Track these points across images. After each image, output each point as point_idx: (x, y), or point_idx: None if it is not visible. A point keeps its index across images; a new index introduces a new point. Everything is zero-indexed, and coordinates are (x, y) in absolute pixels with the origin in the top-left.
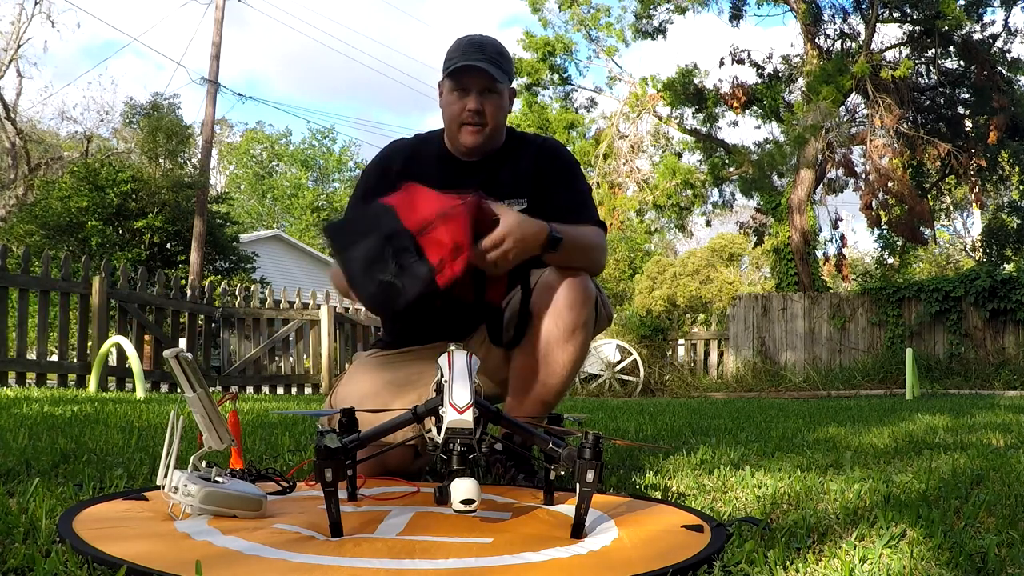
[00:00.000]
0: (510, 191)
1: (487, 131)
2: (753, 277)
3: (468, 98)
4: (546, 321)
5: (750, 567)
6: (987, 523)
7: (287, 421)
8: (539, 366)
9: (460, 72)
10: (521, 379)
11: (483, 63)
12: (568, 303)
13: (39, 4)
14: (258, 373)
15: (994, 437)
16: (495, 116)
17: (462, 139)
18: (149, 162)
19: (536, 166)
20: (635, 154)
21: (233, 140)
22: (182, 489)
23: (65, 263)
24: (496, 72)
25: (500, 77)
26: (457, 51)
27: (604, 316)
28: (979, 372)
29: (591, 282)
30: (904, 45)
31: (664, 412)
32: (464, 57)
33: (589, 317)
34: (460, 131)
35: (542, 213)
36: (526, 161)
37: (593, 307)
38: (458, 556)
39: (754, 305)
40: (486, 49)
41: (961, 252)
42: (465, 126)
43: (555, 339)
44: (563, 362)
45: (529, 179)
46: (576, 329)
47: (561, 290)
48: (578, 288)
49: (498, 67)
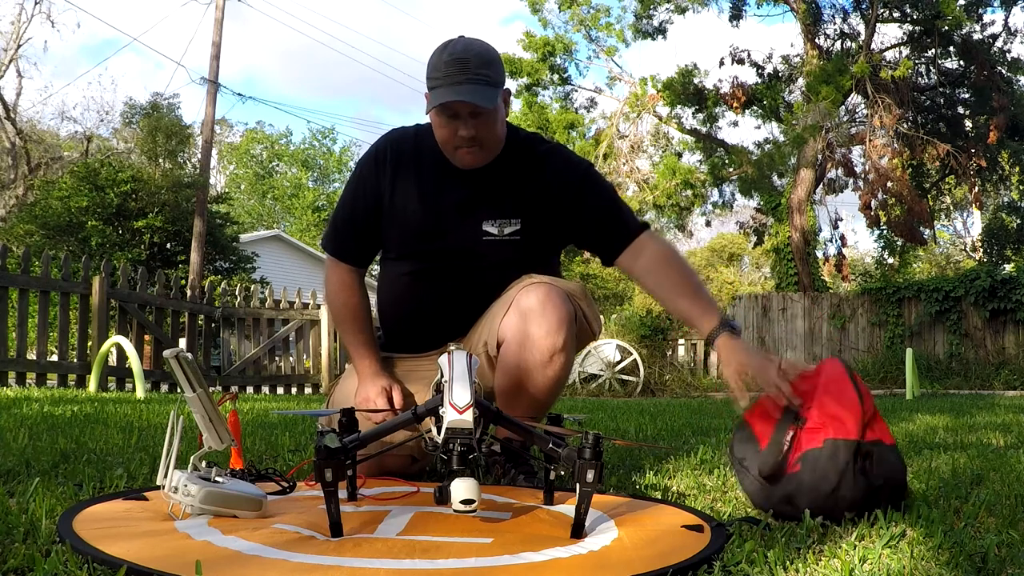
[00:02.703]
0: (501, 210)
1: (483, 151)
2: (753, 277)
3: (458, 123)
4: (523, 352)
5: (750, 567)
6: (987, 523)
7: (287, 421)
8: (522, 388)
9: (446, 104)
10: (505, 399)
11: (468, 90)
12: (543, 332)
13: (39, 4)
14: (258, 373)
15: (994, 437)
16: (491, 132)
17: (458, 161)
18: (149, 162)
19: (545, 187)
20: (635, 154)
21: (233, 140)
22: (182, 489)
23: (65, 263)
24: (483, 96)
25: (489, 100)
26: (439, 70)
27: (588, 332)
28: (979, 372)
29: (567, 302)
30: (904, 45)
31: (664, 412)
32: (448, 81)
33: (568, 337)
34: (455, 153)
35: (548, 231)
36: (531, 180)
37: (572, 326)
38: (458, 556)
39: (754, 305)
40: (469, 66)
41: (961, 252)
42: (460, 149)
43: (534, 365)
44: (546, 384)
45: (532, 199)
46: (555, 354)
47: (534, 318)
48: (552, 316)
49: (486, 83)
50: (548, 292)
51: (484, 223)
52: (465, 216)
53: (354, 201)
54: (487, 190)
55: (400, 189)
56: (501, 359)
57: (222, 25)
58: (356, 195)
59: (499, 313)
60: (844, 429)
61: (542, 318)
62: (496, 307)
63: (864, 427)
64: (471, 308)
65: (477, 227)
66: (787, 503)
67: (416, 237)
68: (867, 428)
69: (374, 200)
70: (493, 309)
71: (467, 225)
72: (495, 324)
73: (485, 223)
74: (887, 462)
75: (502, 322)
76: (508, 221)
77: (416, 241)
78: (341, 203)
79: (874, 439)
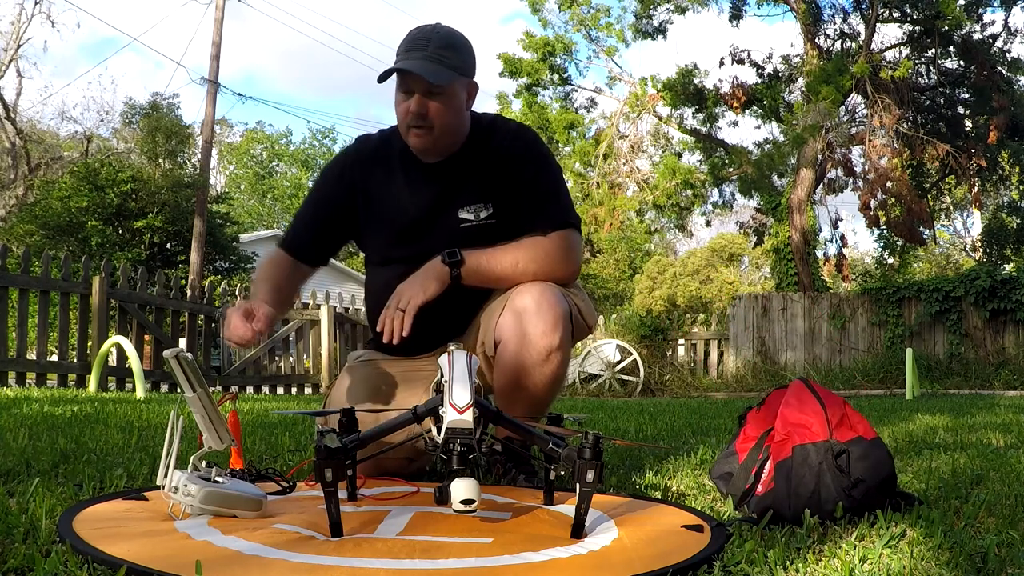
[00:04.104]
0: (473, 196)
1: (434, 134)
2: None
3: (411, 100)
4: (520, 351)
5: (750, 567)
6: (987, 523)
7: (287, 421)
8: (520, 387)
9: (399, 74)
10: (503, 398)
11: (420, 65)
12: (540, 330)
13: (39, 4)
14: (258, 373)
15: (994, 437)
16: (441, 117)
17: (410, 142)
18: (149, 162)
19: (500, 164)
20: (635, 154)
21: (233, 140)
22: (182, 489)
23: (65, 263)
24: (435, 73)
25: (440, 78)
26: (401, 47)
27: (583, 327)
28: (979, 372)
29: (562, 299)
30: (904, 45)
31: (664, 412)
32: (405, 56)
33: (564, 335)
34: (408, 133)
35: (511, 215)
36: (491, 159)
37: (567, 325)
38: (458, 556)
39: (754, 305)
40: (429, 44)
41: (961, 252)
42: (411, 128)
43: (532, 364)
44: (543, 383)
45: (495, 180)
46: (552, 352)
47: (530, 318)
48: (548, 314)
49: (441, 64)
50: (543, 290)
51: (460, 211)
52: (441, 210)
53: (318, 202)
54: (457, 180)
55: (375, 194)
56: (498, 359)
57: (222, 25)
58: (322, 196)
59: (495, 314)
60: (810, 433)
61: (538, 317)
62: (492, 307)
63: (831, 428)
64: (462, 303)
65: (454, 216)
66: (774, 518)
67: (397, 238)
68: (836, 429)
69: (346, 201)
70: (489, 308)
71: (444, 218)
72: (491, 325)
73: (461, 211)
74: (869, 456)
75: (498, 322)
76: (482, 205)
77: (398, 243)
78: (304, 204)
79: (851, 437)
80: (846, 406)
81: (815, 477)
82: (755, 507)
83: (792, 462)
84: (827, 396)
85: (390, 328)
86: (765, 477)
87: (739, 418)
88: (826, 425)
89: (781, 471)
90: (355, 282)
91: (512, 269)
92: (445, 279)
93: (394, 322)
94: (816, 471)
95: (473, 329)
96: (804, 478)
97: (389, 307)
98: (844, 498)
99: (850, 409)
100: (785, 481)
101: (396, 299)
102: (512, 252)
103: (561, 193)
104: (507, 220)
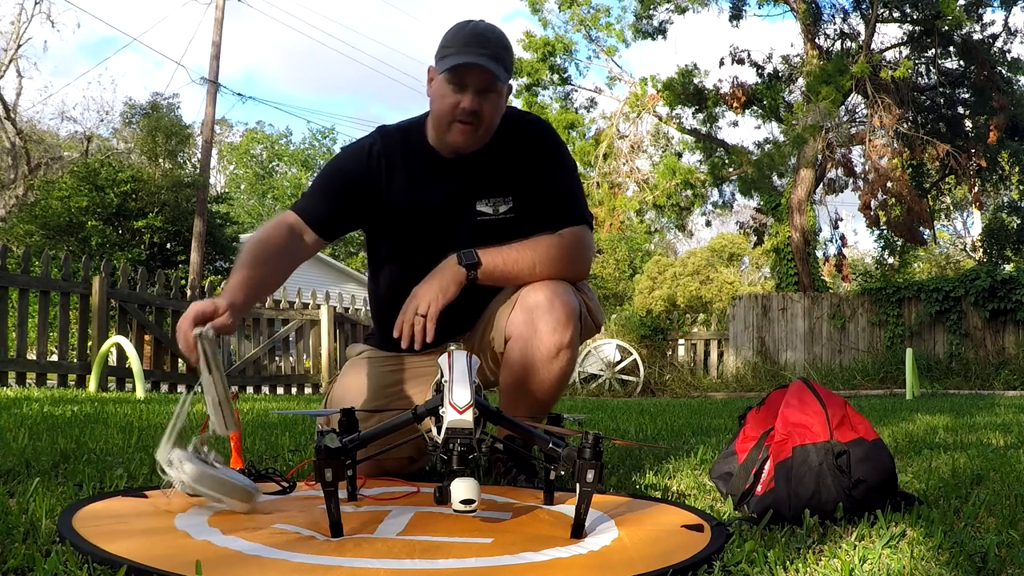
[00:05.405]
0: (492, 189)
1: (480, 131)
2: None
3: (465, 95)
4: (530, 346)
5: (750, 567)
6: (987, 523)
7: (287, 421)
8: (526, 384)
9: (460, 68)
10: (509, 395)
11: (486, 60)
12: (551, 327)
13: (39, 4)
14: (258, 373)
15: (994, 437)
16: (491, 116)
17: (451, 137)
18: (149, 162)
19: (522, 156)
20: (635, 154)
21: (233, 140)
22: (177, 465)
23: (65, 263)
24: (499, 71)
25: (502, 76)
26: (456, 41)
27: (591, 325)
28: (979, 372)
29: (573, 297)
30: (904, 45)
31: (664, 412)
32: (465, 50)
33: (574, 333)
34: (450, 128)
35: (529, 210)
36: (512, 151)
37: (577, 322)
38: (458, 556)
39: (754, 305)
40: (489, 43)
41: (961, 252)
42: (457, 123)
43: (540, 360)
44: (551, 380)
45: (516, 172)
46: (561, 350)
47: (541, 315)
48: (559, 311)
49: (501, 64)
50: (555, 288)
51: (478, 203)
52: (459, 202)
53: (334, 176)
54: (476, 173)
55: (394, 183)
56: (506, 355)
57: (222, 25)
58: (341, 172)
59: (505, 310)
60: (811, 434)
61: (550, 314)
62: (502, 304)
63: (832, 429)
64: (471, 301)
65: (472, 209)
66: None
67: (414, 233)
68: (837, 429)
69: (364, 183)
70: (499, 305)
71: (462, 210)
72: (502, 322)
73: (479, 203)
74: (871, 458)
75: (509, 319)
76: (502, 199)
77: (414, 237)
78: (319, 178)
79: (852, 438)
80: (847, 407)
81: (815, 478)
82: (755, 507)
83: (792, 462)
84: (828, 396)
85: (409, 334)
86: (765, 477)
87: (739, 418)
88: (827, 425)
89: (781, 471)
90: (355, 282)
91: (529, 271)
92: (462, 281)
93: (414, 327)
94: (816, 472)
95: (480, 325)
96: (804, 478)
97: (406, 311)
98: (844, 499)
99: (851, 410)
100: (785, 481)
101: (414, 303)
102: (529, 253)
103: (576, 190)
104: (525, 214)
